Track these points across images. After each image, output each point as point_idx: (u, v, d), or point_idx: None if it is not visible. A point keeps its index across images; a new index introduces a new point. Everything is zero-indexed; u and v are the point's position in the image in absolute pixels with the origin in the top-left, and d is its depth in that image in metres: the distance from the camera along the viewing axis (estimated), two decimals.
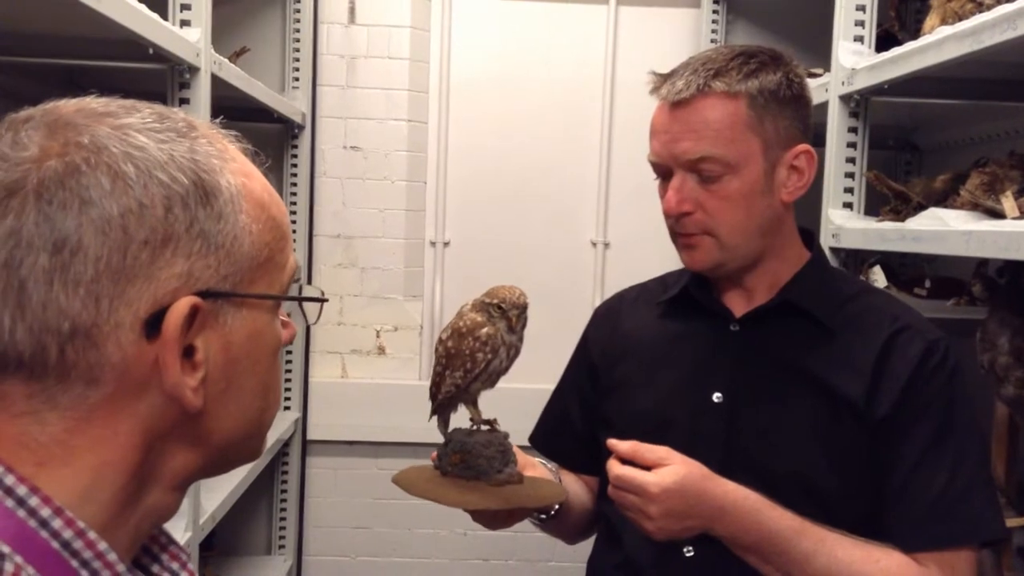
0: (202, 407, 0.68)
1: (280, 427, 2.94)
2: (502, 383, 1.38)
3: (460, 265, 3.25)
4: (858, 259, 2.02)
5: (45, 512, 0.63)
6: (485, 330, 1.33)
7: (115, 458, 0.66)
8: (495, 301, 1.34)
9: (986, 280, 1.95)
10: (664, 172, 1.38)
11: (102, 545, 0.64)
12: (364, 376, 3.21)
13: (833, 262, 1.98)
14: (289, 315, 0.81)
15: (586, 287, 3.24)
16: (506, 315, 1.33)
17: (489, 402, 1.42)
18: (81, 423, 0.65)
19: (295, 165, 3.07)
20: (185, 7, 1.93)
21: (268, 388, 0.75)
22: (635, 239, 3.22)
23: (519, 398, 1.75)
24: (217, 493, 2.24)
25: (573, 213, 3.26)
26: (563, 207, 3.26)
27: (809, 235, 1.49)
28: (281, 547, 3.16)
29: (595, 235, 3.27)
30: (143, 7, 1.63)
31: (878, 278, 2.15)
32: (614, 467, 1.28)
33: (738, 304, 1.44)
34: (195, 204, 0.66)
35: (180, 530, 1.96)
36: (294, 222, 3.08)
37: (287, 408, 3.11)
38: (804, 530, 1.28)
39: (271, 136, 3.06)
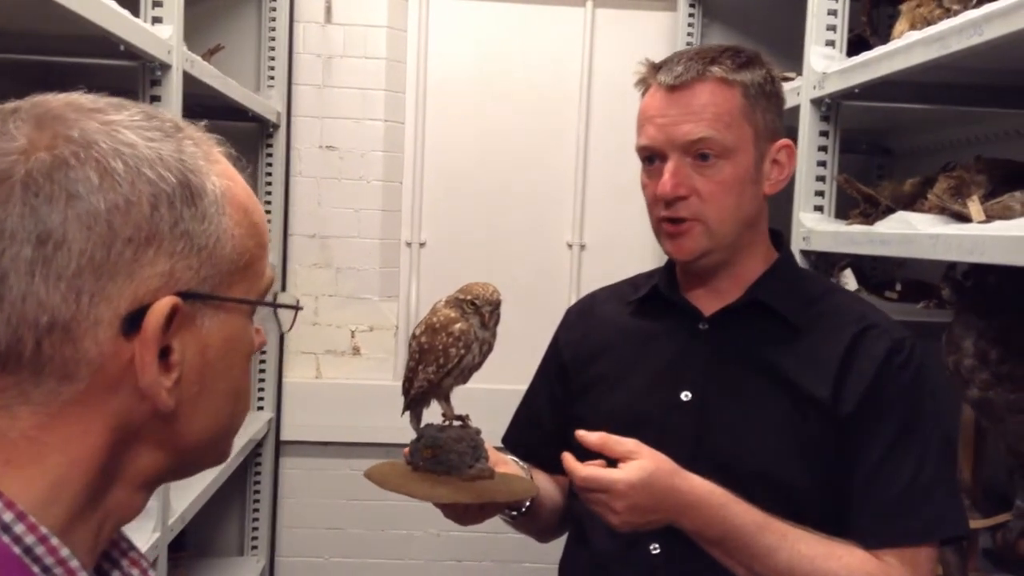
0: (174, 408, 0.68)
1: (253, 427, 2.92)
2: (478, 383, 1.39)
3: (436, 266, 3.25)
4: (828, 261, 2.04)
5: (7, 517, 0.62)
6: (458, 326, 1.33)
7: (83, 456, 0.66)
8: (469, 297, 1.35)
9: (955, 283, 1.97)
10: (656, 158, 1.39)
11: (64, 551, 0.63)
12: (339, 376, 3.20)
13: (803, 264, 2.00)
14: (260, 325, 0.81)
15: (562, 289, 3.25)
16: (479, 311, 1.34)
17: (465, 401, 1.43)
18: (52, 419, 0.64)
19: (270, 164, 3.06)
20: (157, 4, 1.92)
21: (239, 393, 0.75)
22: (611, 241, 3.23)
23: (494, 398, 1.75)
24: (187, 493, 2.23)
25: (549, 215, 3.27)
26: (539, 208, 3.26)
27: (778, 235, 1.51)
28: (254, 548, 3.14)
29: (571, 237, 3.27)
30: (113, 3, 1.62)
31: (849, 281, 2.17)
32: (578, 469, 1.28)
33: (707, 303, 1.45)
34: (181, 204, 0.66)
35: (148, 531, 1.94)
36: (269, 221, 3.06)
37: (260, 408, 3.10)
38: (768, 525, 1.29)
39: (246, 135, 3.04)
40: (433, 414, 1.41)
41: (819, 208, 2.02)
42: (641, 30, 3.22)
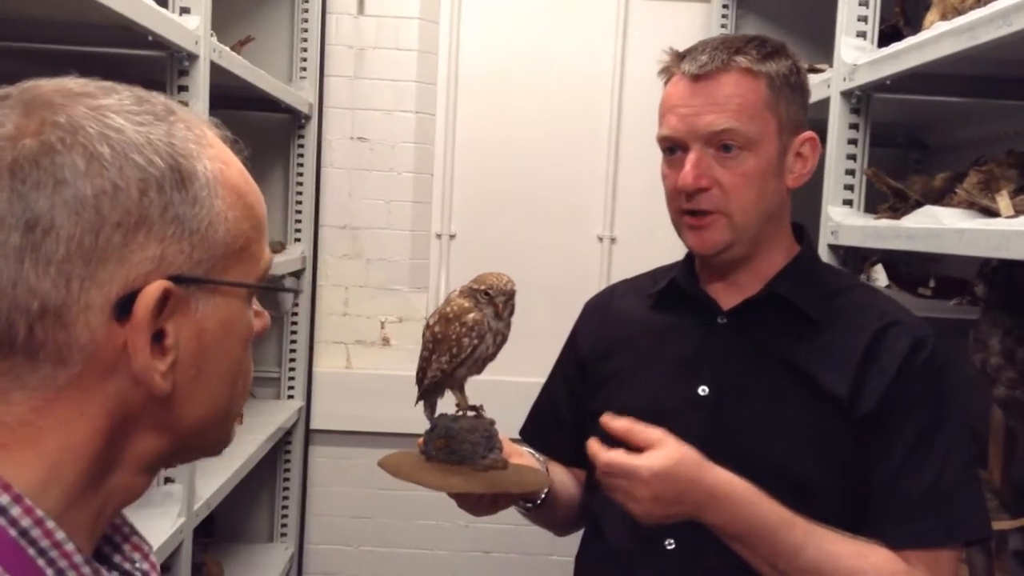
0: (171, 392, 0.68)
1: (283, 415, 2.95)
2: (507, 375, 1.37)
3: (465, 258, 3.25)
4: (857, 257, 2.00)
5: (3, 499, 0.62)
6: (472, 316, 1.33)
7: (80, 440, 0.66)
8: (483, 287, 1.34)
9: (989, 280, 1.93)
10: (677, 148, 1.38)
11: (60, 535, 0.64)
12: (368, 367, 3.22)
13: (832, 260, 1.97)
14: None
15: (592, 282, 3.23)
16: (493, 301, 1.33)
17: (495, 393, 1.42)
18: (48, 403, 0.65)
19: (301, 155, 3.08)
20: None
21: (238, 376, 0.75)
22: (642, 234, 3.21)
23: (523, 390, 1.74)
24: (213, 480, 2.26)
25: (580, 208, 3.26)
26: (570, 202, 3.25)
27: (800, 229, 1.49)
28: (283, 535, 3.18)
29: (602, 230, 3.26)
30: None
31: (879, 277, 2.13)
32: (601, 453, 1.25)
33: (726, 297, 1.43)
34: (171, 188, 0.66)
35: (173, 516, 1.97)
36: (300, 212, 3.09)
37: (291, 397, 3.13)
38: (794, 522, 1.27)
39: (278, 126, 3.08)
40: (448, 404, 1.41)
41: (848, 202, 1.99)
42: (675, 21, 3.19)
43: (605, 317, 1.58)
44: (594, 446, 1.27)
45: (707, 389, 1.39)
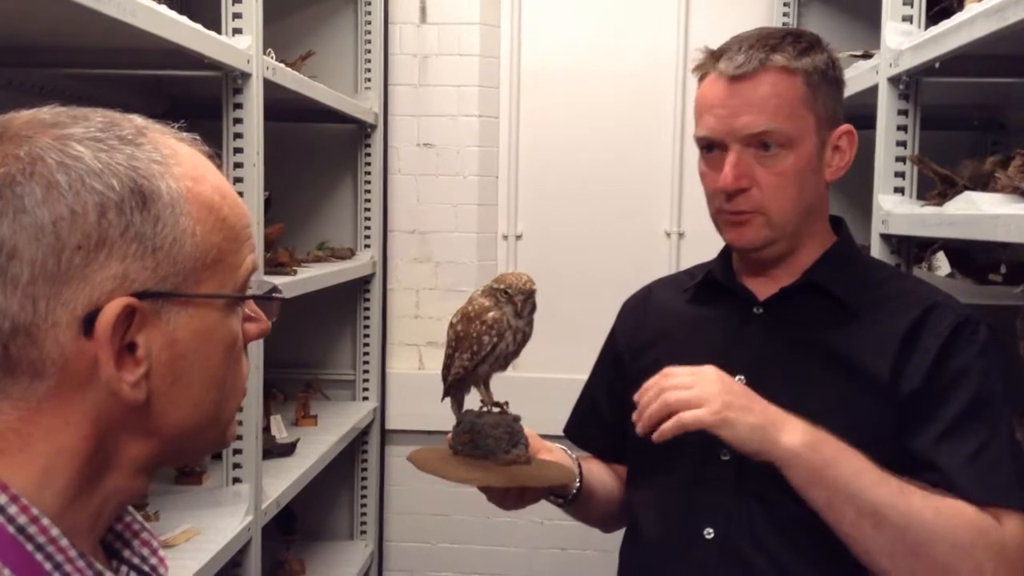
0: (147, 400, 0.71)
1: (358, 416, 3.04)
2: (578, 375, 1.39)
3: (533, 258, 3.28)
4: (911, 245, 1.95)
5: (1, 499, 0.67)
6: (491, 314, 1.37)
7: (68, 446, 0.71)
8: (502, 287, 1.38)
9: None
10: (715, 147, 1.38)
11: (55, 531, 0.68)
12: (440, 368, 3.27)
13: (884, 249, 1.93)
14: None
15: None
16: (512, 300, 1.37)
17: (564, 393, 1.44)
18: (33, 413, 0.70)
19: (369, 164, 3.16)
20: (236, 16, 2.02)
21: (223, 382, 0.77)
22: (710, 228, 3.12)
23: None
24: (281, 480, 2.35)
25: (646, 203, 3.25)
26: (636, 197, 3.25)
27: (838, 222, 1.48)
28: (363, 533, 3.27)
29: (669, 225, 3.25)
30: (186, 20, 1.73)
31: (941, 264, 2.08)
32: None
33: (763, 288, 1.44)
34: (130, 209, 0.69)
35: (241, 514, 2.06)
36: (369, 219, 3.18)
37: (365, 399, 3.22)
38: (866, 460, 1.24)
39: (345, 136, 3.17)
40: (476, 401, 1.46)
41: (899, 190, 1.95)
42: (737, 12, 3.15)
43: (643, 313, 1.60)
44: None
45: (743, 378, 1.39)
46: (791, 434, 1.23)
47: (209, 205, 0.74)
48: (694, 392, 1.24)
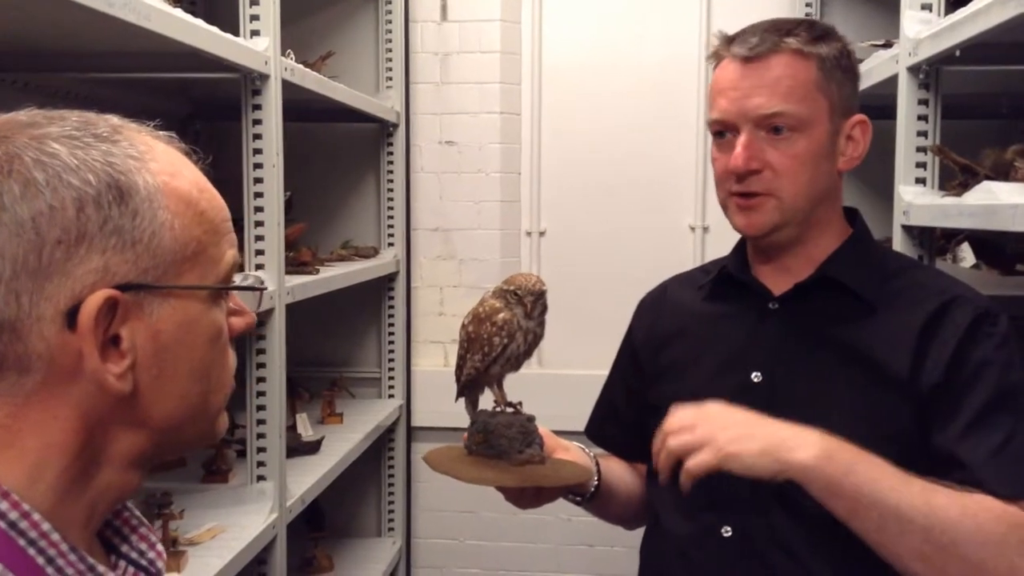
0: (133, 392, 0.73)
1: (383, 414, 3.06)
2: (595, 371, 1.38)
3: (556, 254, 3.29)
4: (933, 236, 1.93)
5: None
6: (501, 315, 1.37)
7: (57, 440, 0.72)
8: (512, 288, 1.38)
9: None
10: (728, 132, 1.38)
11: (46, 526, 0.70)
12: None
13: (906, 241, 1.91)
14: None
15: None
16: (522, 301, 1.37)
17: (587, 392, 1.50)
18: (21, 408, 0.71)
19: (391, 162, 3.18)
20: (254, 18, 2.04)
21: (208, 373, 0.78)
22: None
23: None
24: (306, 477, 2.36)
25: (670, 197, 3.24)
26: (660, 191, 3.24)
27: (853, 213, 1.47)
28: (390, 529, 3.29)
29: (693, 219, 3.23)
30: (202, 23, 1.75)
31: (966, 256, 2.05)
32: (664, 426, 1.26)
33: (778, 282, 1.43)
34: (108, 203, 0.70)
35: (266, 512, 2.08)
36: (392, 217, 3.19)
37: (391, 396, 3.24)
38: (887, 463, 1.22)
39: (367, 135, 3.19)
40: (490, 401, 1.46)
41: (921, 181, 1.92)
42: (759, 6, 3.10)
43: (659, 311, 1.59)
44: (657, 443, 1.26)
45: (760, 375, 1.39)
46: (802, 450, 1.19)
47: (187, 199, 0.75)
48: (696, 435, 1.21)
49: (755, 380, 1.39)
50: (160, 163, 0.75)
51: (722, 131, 1.39)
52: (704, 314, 1.51)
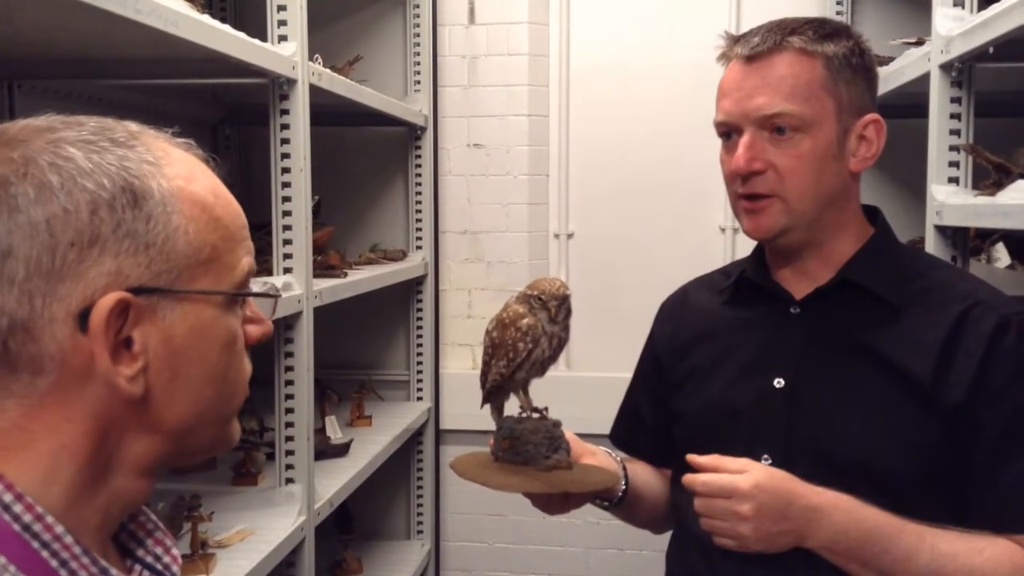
0: (146, 395, 0.73)
1: (412, 416, 3.06)
2: (626, 373, 1.43)
3: (584, 256, 3.28)
4: (966, 236, 1.89)
5: (7, 498, 0.69)
6: (525, 321, 1.36)
7: (71, 443, 0.72)
8: (535, 293, 1.37)
9: None
10: (733, 133, 1.37)
11: (59, 528, 0.70)
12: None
13: (939, 242, 1.88)
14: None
15: None
16: (546, 306, 1.36)
17: (619, 394, 1.53)
18: (35, 409, 0.72)
19: (419, 165, 3.18)
20: (282, 23, 2.05)
21: (222, 379, 0.78)
22: None
23: None
24: (335, 480, 2.37)
25: (700, 199, 3.21)
26: (689, 193, 3.21)
27: (874, 212, 1.44)
28: (419, 532, 3.29)
29: (724, 220, 3.20)
30: (229, 28, 1.76)
31: (1000, 256, 2.01)
32: (696, 477, 1.29)
33: (798, 286, 1.41)
34: (122, 207, 0.71)
35: (294, 514, 2.09)
36: (420, 220, 3.20)
37: (420, 399, 3.24)
38: (903, 527, 1.26)
39: (396, 138, 3.20)
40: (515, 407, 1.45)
41: (954, 180, 1.89)
42: (790, 5, 3.09)
43: (681, 316, 1.58)
44: (688, 477, 1.30)
45: (782, 381, 1.37)
46: (813, 539, 1.26)
47: (202, 204, 0.76)
48: (728, 524, 1.27)
49: (778, 386, 1.37)
50: (176, 168, 0.75)
51: (727, 132, 1.38)
52: (724, 319, 1.49)
